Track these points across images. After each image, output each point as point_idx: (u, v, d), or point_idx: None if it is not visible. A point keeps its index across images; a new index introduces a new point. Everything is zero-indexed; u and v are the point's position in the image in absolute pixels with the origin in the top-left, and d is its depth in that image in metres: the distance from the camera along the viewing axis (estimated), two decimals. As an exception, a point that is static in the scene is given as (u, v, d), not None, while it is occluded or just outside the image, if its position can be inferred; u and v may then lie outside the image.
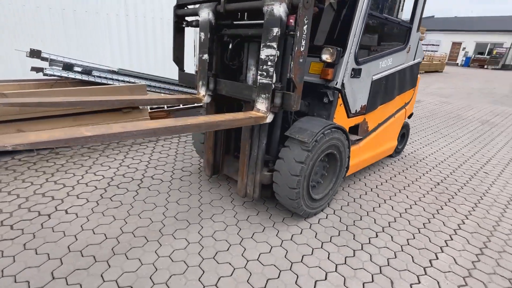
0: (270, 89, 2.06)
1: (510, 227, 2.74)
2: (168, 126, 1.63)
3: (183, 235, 2.36)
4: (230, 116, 1.97)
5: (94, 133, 1.41)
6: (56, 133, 1.48)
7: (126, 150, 3.93)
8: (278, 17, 1.90)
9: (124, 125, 1.57)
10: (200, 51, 2.53)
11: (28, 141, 1.21)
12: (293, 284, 1.93)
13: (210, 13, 2.35)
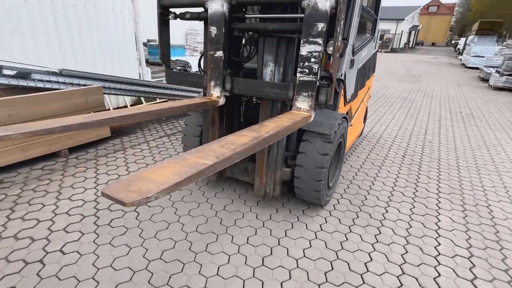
0: (314, 87, 2.00)
1: (470, 184, 3.37)
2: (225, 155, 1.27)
3: (217, 248, 2.19)
4: (278, 123, 1.75)
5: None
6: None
7: (92, 165, 3.35)
8: (324, 11, 1.82)
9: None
10: (211, 47, 2.29)
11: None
12: (349, 271, 2.02)
13: (224, 4, 2.13)
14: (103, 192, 0.87)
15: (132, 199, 0.83)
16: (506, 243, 2.39)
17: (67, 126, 1.49)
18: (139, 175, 0.99)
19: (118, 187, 0.89)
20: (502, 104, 8.06)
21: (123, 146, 3.94)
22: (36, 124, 1.45)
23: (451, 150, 4.40)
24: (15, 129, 1.36)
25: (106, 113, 1.73)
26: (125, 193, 0.86)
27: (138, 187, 0.90)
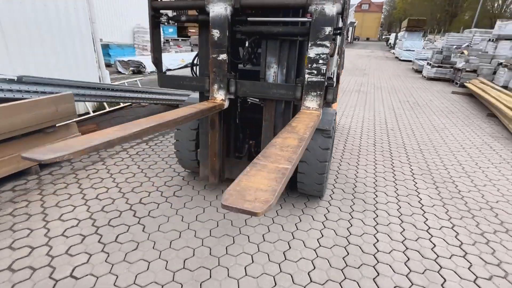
0: (323, 86, 2.11)
1: (434, 164, 3.86)
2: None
3: (238, 249, 2.22)
4: (304, 123, 1.80)
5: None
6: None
7: (72, 180, 3.07)
8: (331, 16, 1.94)
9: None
10: (214, 50, 2.27)
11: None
12: (363, 254, 2.22)
13: (228, 8, 2.13)
14: (225, 205, 0.87)
15: (261, 208, 0.85)
16: (475, 211, 2.83)
17: (94, 146, 1.36)
18: (241, 185, 1.00)
19: (236, 199, 0.90)
20: (437, 92, 9.23)
21: (101, 156, 3.66)
22: (79, 142, 1.32)
23: (411, 135, 4.96)
24: (64, 149, 1.22)
25: (131, 126, 1.63)
26: (249, 203, 0.88)
27: (254, 197, 0.92)
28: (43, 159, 1.14)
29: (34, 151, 1.19)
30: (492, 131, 5.36)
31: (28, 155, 1.17)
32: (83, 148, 1.26)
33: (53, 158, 1.15)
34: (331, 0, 1.93)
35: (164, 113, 1.87)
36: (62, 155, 1.17)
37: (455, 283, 1.98)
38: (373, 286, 1.94)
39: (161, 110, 5.81)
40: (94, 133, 1.44)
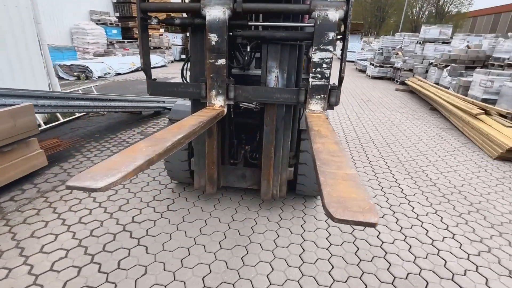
0: (327, 90, 2.15)
1: (403, 156, 4.24)
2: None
3: (254, 259, 2.16)
4: (323, 127, 1.82)
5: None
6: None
7: (43, 204, 2.67)
8: (335, 22, 1.99)
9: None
10: (211, 55, 2.17)
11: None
12: (371, 247, 2.34)
13: (226, 11, 2.06)
14: (340, 219, 0.85)
15: (375, 219, 0.86)
16: (449, 196, 3.18)
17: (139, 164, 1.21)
18: (334, 195, 0.99)
19: (346, 212, 0.89)
20: (383, 89, 10.15)
21: (70, 174, 3.25)
22: (119, 163, 1.15)
23: (375, 131, 5.37)
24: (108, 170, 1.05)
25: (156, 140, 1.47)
26: (361, 214, 0.88)
27: (358, 207, 0.92)
28: (98, 187, 0.98)
29: (80, 179, 1.02)
30: (438, 123, 6.08)
31: (76, 183, 1.00)
32: (132, 169, 1.12)
33: (108, 184, 1.00)
34: (334, 6, 2.00)
35: (177, 124, 1.74)
36: (115, 180, 1.03)
37: (454, 263, 2.21)
38: (390, 276, 2.06)
39: (123, 119, 5.38)
40: (127, 150, 1.29)
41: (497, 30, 35.85)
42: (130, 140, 4.35)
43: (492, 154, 4.28)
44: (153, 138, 1.48)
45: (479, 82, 7.63)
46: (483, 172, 3.79)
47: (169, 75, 11.02)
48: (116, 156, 1.23)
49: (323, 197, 1.02)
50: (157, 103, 5.92)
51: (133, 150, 1.32)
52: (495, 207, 2.98)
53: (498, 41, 9.50)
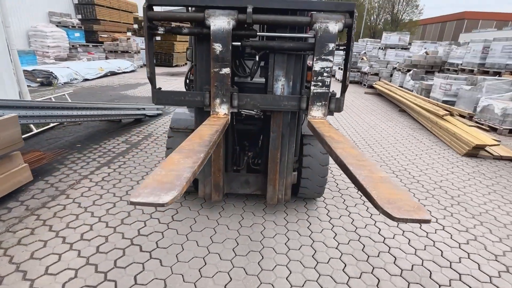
0: (327, 97, 2.27)
1: (385, 156, 4.53)
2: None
3: (271, 264, 2.21)
4: (332, 132, 1.95)
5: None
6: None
7: (37, 223, 2.50)
8: (334, 34, 2.12)
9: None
10: (215, 64, 2.18)
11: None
12: (375, 243, 2.50)
13: (231, 22, 2.09)
14: (400, 218, 0.99)
15: (428, 215, 1.01)
16: (432, 191, 3.47)
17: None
18: (383, 197, 1.11)
19: (402, 211, 1.02)
20: (354, 93, 10.69)
21: (58, 189, 3.05)
22: (170, 175, 1.16)
23: (355, 133, 5.67)
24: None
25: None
26: (414, 212, 1.03)
27: (409, 206, 1.06)
28: (165, 202, 1.00)
29: (141, 195, 1.03)
30: (408, 124, 6.56)
31: (140, 199, 1.00)
32: (186, 181, 1.14)
33: (173, 198, 1.02)
34: (334, 19, 2.11)
35: (196, 135, 1.74)
36: (177, 194, 1.05)
37: (449, 252, 2.43)
38: (397, 269, 2.22)
39: (103, 127, 5.15)
40: (166, 164, 1.28)
41: (444, 37, 39.40)
42: (116, 150, 4.17)
43: (460, 151, 4.73)
44: (183, 150, 1.48)
45: (439, 85, 8.36)
46: (456, 168, 4.18)
47: (141, 81, 10.66)
48: (160, 170, 1.24)
49: (374, 199, 1.12)
50: (138, 110, 5.74)
51: (172, 163, 1.32)
52: (472, 199, 3.31)
53: (451, 48, 10.49)
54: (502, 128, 6.01)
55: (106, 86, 9.34)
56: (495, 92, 6.86)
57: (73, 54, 13.19)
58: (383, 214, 1.06)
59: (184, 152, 1.46)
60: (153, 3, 2.18)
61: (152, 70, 2.32)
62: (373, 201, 1.13)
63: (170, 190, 1.08)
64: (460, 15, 38.33)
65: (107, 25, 16.59)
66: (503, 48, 7.87)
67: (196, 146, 1.54)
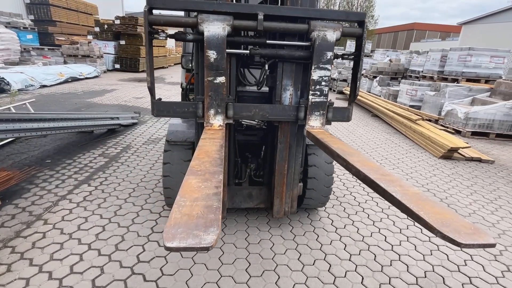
0: (325, 106, 2.20)
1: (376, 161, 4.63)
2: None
3: (289, 283, 2.10)
4: (339, 143, 1.90)
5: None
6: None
7: (14, 257, 2.13)
8: (332, 42, 2.06)
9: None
10: (209, 73, 2.03)
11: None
12: (384, 251, 2.50)
13: (226, 28, 1.96)
14: (465, 243, 0.95)
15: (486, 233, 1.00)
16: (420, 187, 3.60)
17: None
18: (432, 216, 1.07)
19: (453, 230, 0.99)
20: (325, 99, 10.98)
21: (32, 213, 2.66)
22: (194, 208, 1.00)
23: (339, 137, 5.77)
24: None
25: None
26: (469, 232, 1.00)
27: (459, 224, 1.03)
28: (208, 244, 0.84)
29: (176, 237, 0.86)
30: (383, 128, 6.86)
31: (179, 244, 0.83)
32: (219, 212, 1.00)
33: (216, 237, 0.87)
34: (332, 27, 2.06)
35: (202, 151, 1.57)
36: (218, 230, 0.90)
37: (453, 255, 2.50)
38: (412, 278, 2.22)
39: (73, 139, 4.68)
40: (185, 191, 1.12)
41: (397, 45, 42.52)
42: (94, 164, 3.78)
43: (437, 154, 5.02)
44: (197, 172, 1.31)
45: (405, 91, 8.89)
46: (436, 170, 4.41)
47: (108, 87, 9.99)
48: (183, 200, 1.07)
49: (426, 222, 1.05)
50: (111, 119, 5.31)
51: (191, 189, 1.15)
52: (458, 201, 3.49)
53: (412, 56, 11.26)
54: (465, 131, 6.51)
55: (68, 93, 8.59)
56: (456, 97, 7.45)
57: (26, 58, 12.01)
58: (445, 239, 0.99)
59: (199, 174, 1.29)
60: (154, 7, 1.99)
61: (152, 80, 2.12)
62: (427, 225, 1.05)
63: (207, 227, 0.91)
64: (410, 26, 41.69)
65: (64, 27, 15.43)
66: (459, 57, 8.61)
67: (208, 166, 1.38)
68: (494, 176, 4.30)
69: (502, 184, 4.05)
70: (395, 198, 1.21)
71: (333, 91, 12.86)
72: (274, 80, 2.35)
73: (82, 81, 11.12)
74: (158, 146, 4.63)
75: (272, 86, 2.41)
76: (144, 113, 6.70)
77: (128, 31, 14.16)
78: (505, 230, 2.94)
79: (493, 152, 5.50)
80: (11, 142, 4.32)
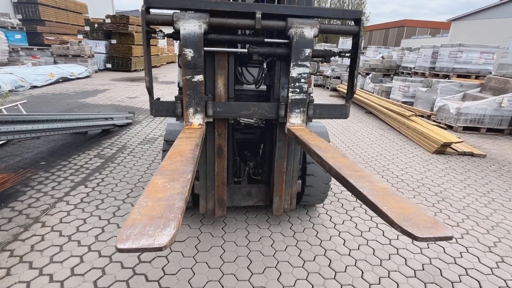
0: (305, 103, 2.19)
1: (366, 157, 4.70)
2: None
3: (291, 279, 2.13)
4: (317, 139, 1.89)
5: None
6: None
7: (13, 260, 2.11)
8: (311, 39, 2.06)
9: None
10: (187, 71, 2.02)
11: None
12: (383, 245, 2.54)
13: (202, 26, 1.95)
14: (423, 237, 0.96)
15: (451, 232, 1.01)
16: (417, 189, 3.66)
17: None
18: (395, 212, 1.07)
19: (422, 229, 1.00)
20: (320, 96, 11.06)
21: (29, 216, 2.63)
22: (158, 209, 1.00)
23: (332, 135, 5.82)
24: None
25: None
26: (436, 230, 1.01)
27: (427, 222, 1.03)
28: (162, 244, 0.83)
29: (130, 238, 0.85)
30: (377, 125, 6.94)
31: (130, 245, 0.83)
32: (180, 213, 0.98)
33: (171, 238, 0.86)
34: (309, 24, 2.05)
35: (176, 151, 1.54)
36: (174, 231, 0.89)
37: (450, 248, 2.56)
38: (411, 271, 2.27)
39: (67, 140, 4.62)
40: (149, 191, 1.10)
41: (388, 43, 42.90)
42: (90, 165, 3.75)
43: (430, 149, 5.11)
44: (166, 172, 1.30)
45: (398, 87, 8.99)
46: (430, 165, 4.49)
47: (100, 87, 9.87)
48: (145, 200, 1.06)
49: (388, 216, 1.06)
50: (106, 120, 5.26)
51: (156, 190, 1.14)
52: (453, 195, 3.56)
53: (404, 53, 11.38)
54: (457, 126, 6.63)
55: (60, 94, 8.46)
56: (448, 93, 7.57)
57: (15, 58, 11.77)
58: (404, 233, 1.00)
59: (167, 174, 1.28)
60: (151, 6, 1.97)
61: (150, 79, 2.11)
62: (388, 219, 1.06)
63: (164, 227, 0.90)
64: (401, 23, 42.06)
65: (53, 26, 15.16)
66: (450, 53, 8.74)
67: (179, 166, 1.37)
68: (486, 170, 4.40)
69: (494, 177, 4.15)
70: (362, 193, 1.21)
71: (326, 88, 12.93)
72: (272, 79, 2.36)
73: (73, 81, 10.96)
74: (154, 146, 4.61)
75: (270, 84, 2.42)
76: (138, 113, 6.64)
77: (120, 30, 13.98)
78: (498, 222, 3.01)
79: (484, 146, 5.62)
80: (4, 145, 4.24)
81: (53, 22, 15.32)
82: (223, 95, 2.25)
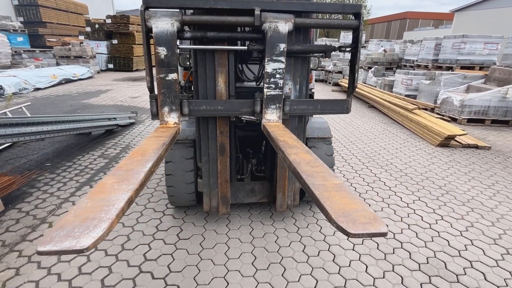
0: (281, 99, 2.15)
1: (368, 150, 4.69)
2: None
3: (295, 274, 2.14)
4: (287, 136, 1.84)
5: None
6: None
7: (21, 261, 2.15)
8: (285, 34, 2.02)
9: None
10: (161, 70, 2.00)
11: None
12: (387, 239, 2.54)
13: (175, 24, 1.94)
14: (355, 233, 0.93)
15: (385, 228, 0.98)
16: (421, 183, 3.65)
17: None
18: (336, 208, 1.04)
19: (357, 225, 0.97)
20: (322, 91, 11.01)
21: (36, 217, 2.67)
22: (92, 210, 0.97)
23: (335, 131, 5.81)
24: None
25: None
26: (371, 226, 0.98)
27: (365, 218, 1.00)
28: (83, 247, 0.80)
29: (54, 240, 0.82)
30: (380, 119, 6.90)
31: (51, 247, 0.79)
32: (116, 214, 0.94)
33: (95, 240, 0.83)
34: (283, 19, 2.01)
35: (139, 150, 1.50)
36: (102, 233, 0.86)
37: (454, 241, 2.55)
38: (415, 264, 2.27)
39: (72, 141, 4.67)
40: (94, 192, 1.08)
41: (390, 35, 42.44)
42: (94, 166, 3.79)
43: (434, 142, 5.07)
44: (119, 171, 1.27)
45: (401, 80, 8.92)
46: (434, 158, 4.46)
47: (102, 88, 9.92)
48: (85, 201, 1.03)
49: (327, 212, 1.03)
50: (109, 120, 5.29)
51: (102, 190, 1.11)
52: (457, 188, 3.55)
53: (406, 45, 11.27)
54: (461, 118, 6.57)
55: (63, 95, 8.52)
56: (451, 85, 7.49)
57: (18, 60, 11.85)
58: (338, 230, 0.96)
59: (119, 174, 1.24)
60: (150, 6, 1.97)
61: (151, 79, 2.12)
62: (327, 215, 1.02)
63: (94, 228, 0.87)
64: (403, 15, 41.56)
65: (55, 28, 15.23)
66: (453, 45, 8.63)
67: (136, 166, 1.33)
68: (491, 162, 4.37)
69: (499, 169, 4.12)
70: (310, 189, 1.19)
71: (328, 83, 12.87)
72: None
73: (76, 82, 11.03)
74: (157, 145, 4.63)
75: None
76: (141, 113, 6.68)
77: (120, 30, 14.00)
78: (504, 214, 2.99)
79: (489, 138, 5.57)
80: (9, 147, 4.30)
81: (54, 24, 15.38)
82: (224, 93, 2.25)
